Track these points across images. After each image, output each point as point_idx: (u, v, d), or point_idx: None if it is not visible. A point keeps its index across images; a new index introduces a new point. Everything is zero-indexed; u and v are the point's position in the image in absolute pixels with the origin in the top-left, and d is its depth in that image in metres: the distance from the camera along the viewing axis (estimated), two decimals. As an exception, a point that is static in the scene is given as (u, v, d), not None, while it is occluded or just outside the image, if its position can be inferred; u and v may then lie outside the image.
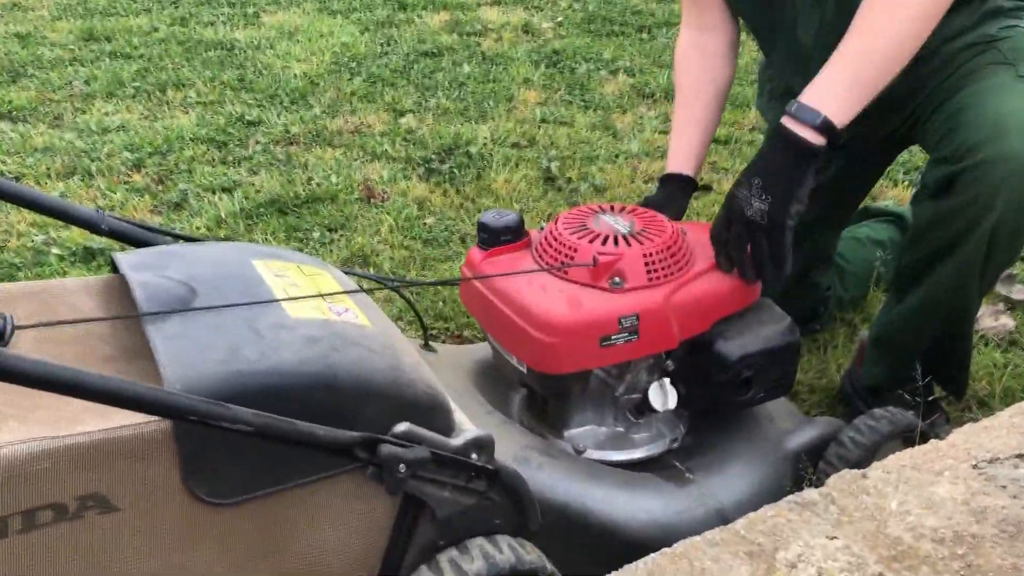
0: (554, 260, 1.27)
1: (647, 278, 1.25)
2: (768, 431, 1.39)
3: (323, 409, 0.96)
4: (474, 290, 1.31)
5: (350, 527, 1.04)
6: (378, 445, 0.98)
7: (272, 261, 1.15)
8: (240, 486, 0.96)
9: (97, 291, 1.13)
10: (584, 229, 1.30)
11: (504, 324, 1.25)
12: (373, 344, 1.03)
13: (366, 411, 0.99)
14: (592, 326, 1.20)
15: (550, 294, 1.23)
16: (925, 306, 1.46)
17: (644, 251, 1.25)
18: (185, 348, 0.95)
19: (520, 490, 1.11)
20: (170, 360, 0.93)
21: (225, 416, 0.87)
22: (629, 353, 1.24)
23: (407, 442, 1.00)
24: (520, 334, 1.22)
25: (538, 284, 1.25)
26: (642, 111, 3.05)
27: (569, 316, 1.20)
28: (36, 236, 2.15)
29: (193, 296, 1.02)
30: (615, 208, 1.37)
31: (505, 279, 1.27)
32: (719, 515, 1.26)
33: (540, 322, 1.20)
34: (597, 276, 1.24)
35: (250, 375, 0.93)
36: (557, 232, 1.29)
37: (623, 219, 1.33)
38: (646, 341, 1.24)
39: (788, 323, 1.35)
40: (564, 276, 1.26)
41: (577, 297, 1.23)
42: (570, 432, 1.35)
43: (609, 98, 3.14)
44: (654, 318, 1.23)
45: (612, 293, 1.23)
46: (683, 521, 1.23)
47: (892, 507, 1.07)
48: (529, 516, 1.13)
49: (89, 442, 0.87)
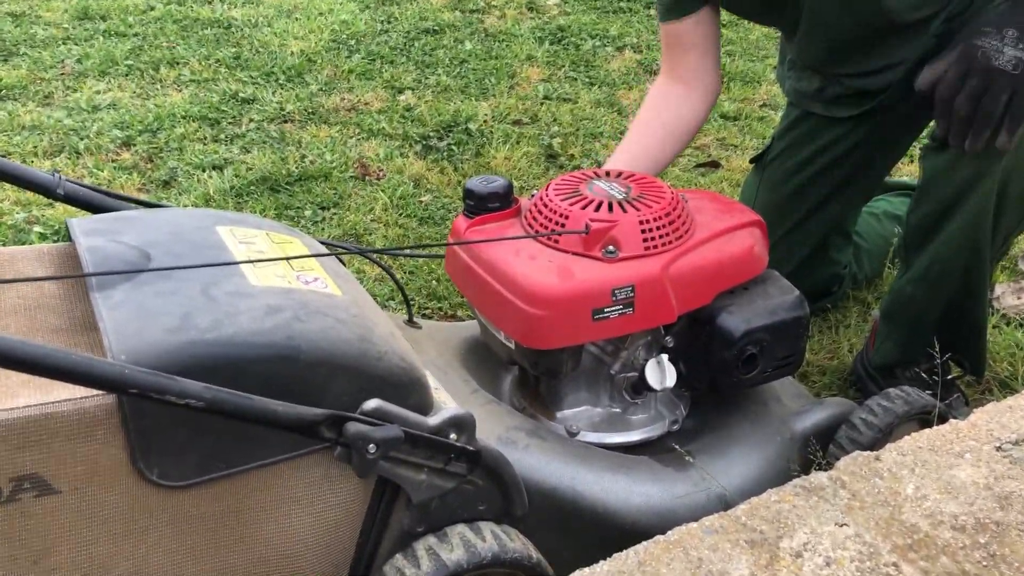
0: (544, 228, 1.19)
1: (643, 247, 1.16)
2: (775, 412, 1.30)
3: (284, 383, 0.88)
4: (459, 261, 1.23)
5: (318, 513, 0.96)
6: (345, 423, 0.90)
7: (238, 228, 1.07)
8: (194, 468, 0.88)
9: (51, 259, 1.06)
10: (576, 195, 1.21)
11: (490, 296, 1.17)
12: (341, 314, 0.95)
13: (332, 386, 0.91)
14: (584, 298, 1.12)
15: (539, 264, 1.15)
16: (935, 268, 1.38)
17: (640, 218, 1.16)
18: (132, 316, 0.87)
19: (504, 473, 1.03)
20: (115, 328, 0.85)
21: (172, 389, 0.79)
22: (624, 327, 1.16)
23: (377, 420, 0.92)
24: (507, 307, 1.14)
25: (526, 253, 1.16)
26: (648, 88, 2.95)
27: (559, 287, 1.12)
28: (18, 214, 2.08)
29: (147, 262, 0.95)
30: (611, 174, 1.28)
31: (492, 249, 1.18)
32: (721, 501, 1.17)
33: (528, 293, 1.12)
34: (590, 244, 1.16)
35: (202, 344, 0.85)
36: (548, 198, 1.21)
37: (619, 184, 1.24)
38: (642, 314, 1.15)
39: (796, 296, 1.26)
40: (554, 245, 1.17)
41: (568, 267, 1.14)
42: (562, 413, 1.27)
43: (615, 75, 3.04)
44: (650, 289, 1.14)
45: (605, 263, 1.15)
46: (682, 507, 1.15)
47: (908, 492, 0.99)
48: (514, 501, 1.05)
49: (22, 418, 0.79)
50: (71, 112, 2.66)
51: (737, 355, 1.22)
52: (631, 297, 1.13)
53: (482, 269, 1.18)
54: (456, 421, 0.98)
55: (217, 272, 0.94)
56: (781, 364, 1.28)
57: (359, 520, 1.00)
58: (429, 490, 0.98)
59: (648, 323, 1.18)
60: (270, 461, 0.91)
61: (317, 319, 0.92)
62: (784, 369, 1.29)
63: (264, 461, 0.91)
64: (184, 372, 0.82)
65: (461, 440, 0.98)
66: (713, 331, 1.21)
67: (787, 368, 1.29)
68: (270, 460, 0.91)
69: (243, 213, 1.40)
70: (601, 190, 1.22)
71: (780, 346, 1.25)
